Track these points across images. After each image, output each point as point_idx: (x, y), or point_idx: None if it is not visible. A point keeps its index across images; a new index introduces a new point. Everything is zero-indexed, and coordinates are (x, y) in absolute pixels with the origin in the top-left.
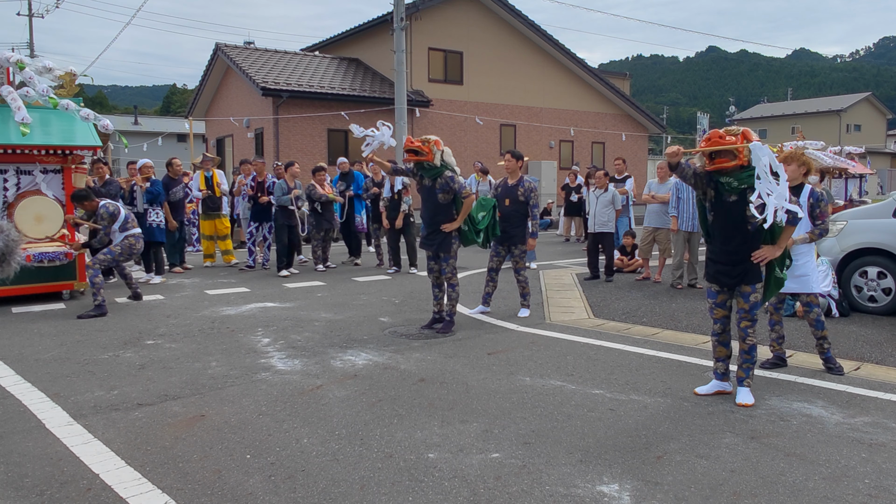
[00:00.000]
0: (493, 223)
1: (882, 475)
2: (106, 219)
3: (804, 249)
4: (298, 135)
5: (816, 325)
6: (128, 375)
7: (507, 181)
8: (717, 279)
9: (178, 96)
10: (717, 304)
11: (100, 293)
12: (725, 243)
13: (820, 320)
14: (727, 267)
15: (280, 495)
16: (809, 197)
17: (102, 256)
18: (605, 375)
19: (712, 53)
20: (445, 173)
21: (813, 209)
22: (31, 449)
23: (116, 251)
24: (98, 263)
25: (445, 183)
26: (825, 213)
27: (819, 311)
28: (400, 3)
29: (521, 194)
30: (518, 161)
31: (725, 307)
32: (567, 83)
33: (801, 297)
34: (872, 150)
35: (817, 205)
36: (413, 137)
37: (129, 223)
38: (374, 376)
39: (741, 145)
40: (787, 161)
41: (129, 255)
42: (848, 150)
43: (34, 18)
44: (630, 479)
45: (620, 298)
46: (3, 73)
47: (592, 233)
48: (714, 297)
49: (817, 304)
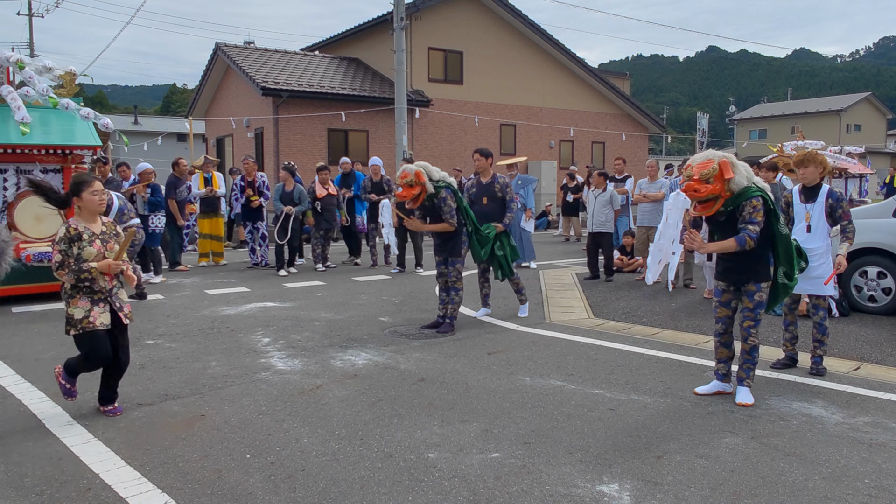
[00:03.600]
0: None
1: (882, 475)
2: None
3: (821, 251)
4: (298, 134)
5: (818, 329)
6: (128, 375)
7: (481, 180)
8: (726, 275)
9: (178, 96)
10: (721, 303)
11: None
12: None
13: (823, 325)
14: (734, 264)
15: (280, 495)
16: (828, 198)
17: None
18: (605, 375)
19: (712, 53)
20: (440, 195)
21: (833, 210)
22: (31, 449)
23: None
24: None
25: (438, 204)
26: (847, 213)
27: (824, 315)
28: (400, 3)
29: (498, 190)
30: (487, 159)
31: (730, 307)
32: (567, 83)
33: (811, 297)
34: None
35: (838, 205)
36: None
37: (124, 215)
38: (374, 376)
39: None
40: (804, 163)
41: (131, 246)
42: (848, 149)
43: (34, 18)
44: (630, 479)
45: (620, 298)
46: (3, 73)
47: (591, 232)
48: (719, 296)
49: (825, 307)
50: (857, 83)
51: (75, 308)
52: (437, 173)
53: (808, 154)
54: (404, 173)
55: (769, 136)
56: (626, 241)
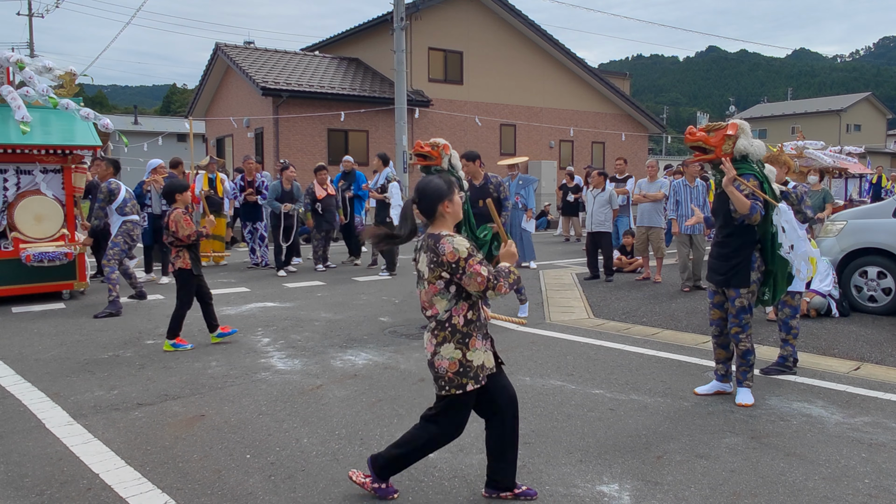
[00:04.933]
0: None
1: (882, 475)
2: (104, 193)
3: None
4: (298, 134)
5: (782, 327)
6: (128, 375)
7: (474, 183)
8: (711, 277)
9: (177, 96)
10: (713, 305)
11: (115, 289)
12: (718, 233)
13: (788, 323)
14: (717, 262)
15: (280, 495)
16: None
17: (111, 252)
18: (605, 375)
19: (712, 53)
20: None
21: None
22: (31, 449)
23: (119, 241)
24: (112, 259)
25: None
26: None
27: (790, 313)
28: (400, 3)
29: (492, 190)
30: (475, 162)
31: (722, 308)
32: (567, 83)
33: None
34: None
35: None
36: (423, 142)
37: (127, 207)
38: (374, 376)
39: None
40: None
41: (130, 241)
42: (848, 149)
43: (34, 18)
44: (630, 479)
45: (620, 298)
46: (3, 73)
47: (590, 232)
48: (711, 297)
49: (793, 305)
50: (857, 83)
51: (474, 351)
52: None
53: (772, 155)
54: (433, 142)
55: (769, 136)
56: (626, 240)
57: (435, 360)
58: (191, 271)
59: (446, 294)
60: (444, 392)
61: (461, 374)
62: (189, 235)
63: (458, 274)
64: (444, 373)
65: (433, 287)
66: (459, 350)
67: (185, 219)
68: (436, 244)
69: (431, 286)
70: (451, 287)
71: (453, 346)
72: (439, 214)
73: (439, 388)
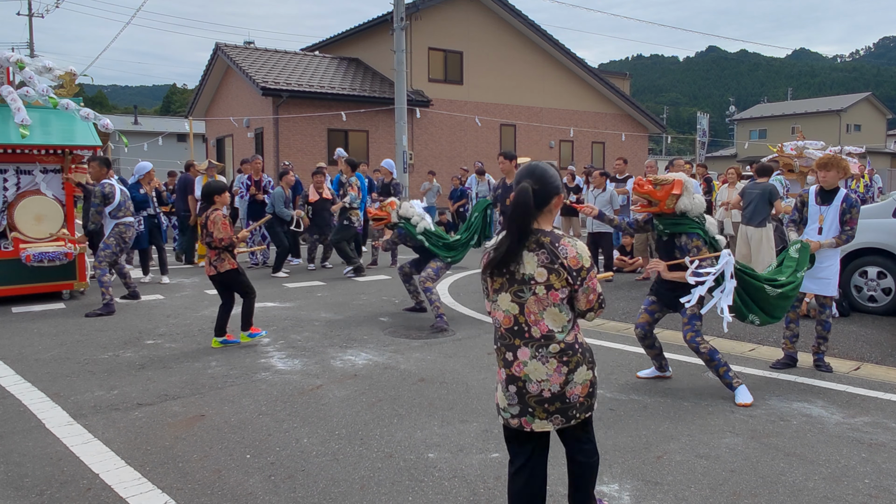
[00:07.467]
0: (484, 224)
1: (882, 475)
2: (98, 198)
3: (830, 253)
4: (298, 135)
5: (824, 326)
6: (128, 375)
7: (506, 181)
8: (659, 290)
9: (177, 96)
10: (646, 310)
11: (108, 292)
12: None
13: (829, 322)
14: (665, 288)
15: (280, 495)
16: (843, 202)
17: (103, 253)
18: (604, 375)
19: (712, 53)
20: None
21: (843, 214)
22: (31, 449)
23: (112, 243)
24: (103, 261)
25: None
26: (854, 220)
27: (830, 314)
28: (400, 3)
29: None
30: (511, 161)
31: (653, 316)
32: (567, 83)
33: (817, 297)
34: (872, 150)
35: (849, 210)
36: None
37: (121, 211)
38: (374, 376)
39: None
40: (826, 167)
41: (122, 243)
42: (848, 149)
43: (34, 18)
44: (630, 479)
45: (620, 298)
46: (3, 73)
47: (591, 232)
48: (647, 305)
49: (830, 305)
50: (857, 83)
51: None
52: (411, 214)
53: (833, 158)
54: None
55: (769, 136)
56: (625, 241)
57: (567, 389)
58: (237, 269)
59: (564, 307)
60: (575, 421)
61: (591, 395)
62: (221, 239)
63: (575, 284)
64: (576, 400)
65: (555, 294)
66: (591, 370)
67: (224, 222)
68: (554, 244)
69: (553, 293)
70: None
71: (586, 367)
72: (552, 208)
73: (567, 420)
